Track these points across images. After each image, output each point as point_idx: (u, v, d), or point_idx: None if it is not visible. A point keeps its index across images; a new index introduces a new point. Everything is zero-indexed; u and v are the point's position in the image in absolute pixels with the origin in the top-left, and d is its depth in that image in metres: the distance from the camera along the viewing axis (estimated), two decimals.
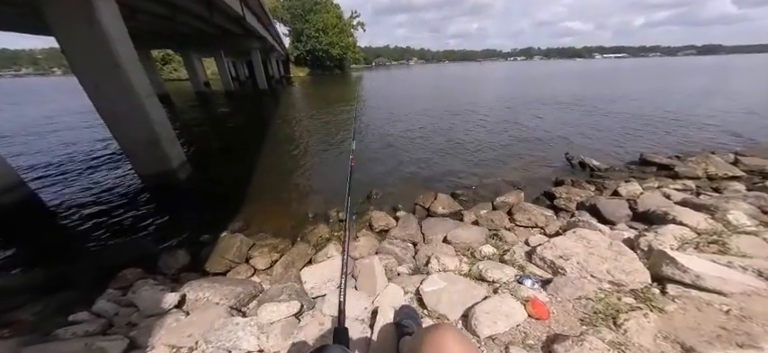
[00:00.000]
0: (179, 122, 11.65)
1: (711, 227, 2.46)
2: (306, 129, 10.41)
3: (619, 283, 1.85)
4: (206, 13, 10.23)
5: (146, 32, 13.80)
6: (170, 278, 3.01)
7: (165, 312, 2.15)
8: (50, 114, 14.03)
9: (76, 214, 4.56)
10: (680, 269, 1.72)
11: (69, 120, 12.33)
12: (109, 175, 6.09)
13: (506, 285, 1.98)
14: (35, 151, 7.89)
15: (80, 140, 9.01)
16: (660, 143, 7.24)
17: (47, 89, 34.49)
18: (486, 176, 5.72)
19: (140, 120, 4.43)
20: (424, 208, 4.38)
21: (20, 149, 8.04)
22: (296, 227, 4.04)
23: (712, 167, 4.87)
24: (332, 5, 52.81)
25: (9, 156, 6.75)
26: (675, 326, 1.46)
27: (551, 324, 1.61)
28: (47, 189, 5.42)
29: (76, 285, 2.90)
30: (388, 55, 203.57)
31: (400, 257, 2.91)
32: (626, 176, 5.17)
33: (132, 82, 4.21)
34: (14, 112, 16.05)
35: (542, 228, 3.46)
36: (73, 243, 3.94)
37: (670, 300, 1.63)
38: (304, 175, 6.11)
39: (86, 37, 3.82)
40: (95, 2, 3.73)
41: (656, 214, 3.02)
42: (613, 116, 10.51)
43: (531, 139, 8.08)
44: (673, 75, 30.59)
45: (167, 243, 3.74)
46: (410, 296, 2.02)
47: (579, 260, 2.06)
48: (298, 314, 1.99)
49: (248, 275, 3.12)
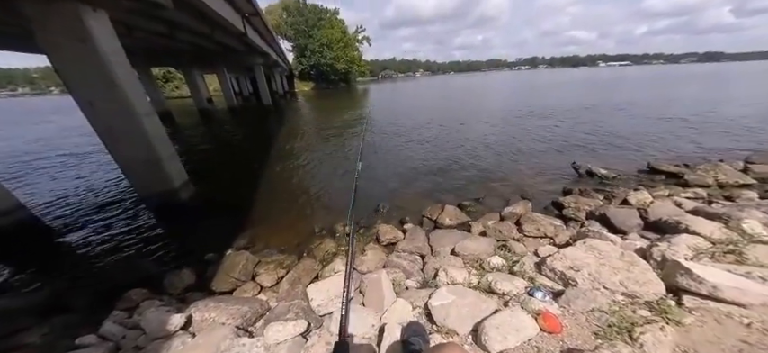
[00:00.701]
0: (181, 140, 11.80)
1: (726, 236, 2.40)
2: (310, 143, 10.51)
3: (632, 294, 1.80)
4: (207, 30, 10.18)
5: (144, 50, 13.78)
6: (176, 298, 3.00)
7: (172, 334, 2.14)
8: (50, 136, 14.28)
9: (78, 236, 4.58)
10: (695, 280, 1.67)
11: (67, 141, 12.53)
12: (110, 195, 6.14)
13: (517, 298, 1.95)
14: (35, 174, 7.97)
15: (81, 161, 9.11)
16: (667, 151, 7.16)
17: (46, 108, 35.04)
18: (492, 186, 5.69)
19: (139, 139, 4.35)
20: (432, 220, 4.36)
21: (21, 172, 8.13)
22: (302, 242, 4.03)
23: (722, 175, 4.79)
24: (336, 21, 53.52)
25: (7, 179, 6.97)
26: (694, 340, 1.41)
27: (564, 338, 1.57)
28: (48, 211, 5.47)
29: (81, 307, 2.91)
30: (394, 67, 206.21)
31: (408, 271, 2.88)
32: (635, 184, 5.11)
33: (131, 101, 4.14)
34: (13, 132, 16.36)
35: (552, 238, 3.41)
36: (76, 265, 3.95)
37: (687, 312, 1.58)
38: (309, 190, 6.12)
39: (80, 56, 3.72)
40: (88, 21, 3.66)
41: (668, 223, 2.96)
42: (618, 124, 10.46)
43: (538, 148, 8.05)
44: (676, 82, 30.49)
45: (172, 263, 3.74)
46: (418, 311, 1.99)
47: (591, 271, 2.02)
48: (305, 333, 1.96)
49: (255, 293, 3.10)
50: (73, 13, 3.57)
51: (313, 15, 51.79)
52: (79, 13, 3.59)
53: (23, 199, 4.84)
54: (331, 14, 53.58)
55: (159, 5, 4.88)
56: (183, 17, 7.80)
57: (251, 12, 11.72)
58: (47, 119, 22.87)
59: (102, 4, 3.90)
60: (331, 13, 53.73)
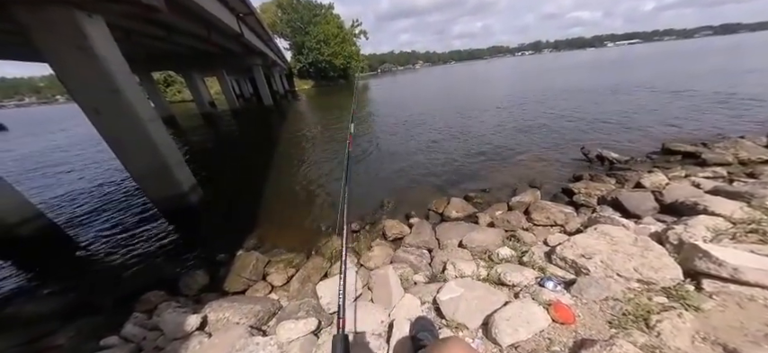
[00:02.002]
0: (187, 145, 11.97)
1: (748, 215, 2.28)
2: (313, 141, 10.54)
3: (648, 281, 1.74)
4: (203, 32, 10.20)
5: (143, 54, 13.86)
6: (192, 300, 3.08)
7: (189, 334, 2.19)
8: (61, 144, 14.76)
9: (95, 241, 4.73)
10: (715, 263, 1.60)
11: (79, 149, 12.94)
12: (123, 200, 6.31)
13: (527, 289, 1.91)
14: (52, 183, 8.25)
15: (93, 167, 9.40)
16: (682, 130, 6.88)
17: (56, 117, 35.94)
18: (499, 175, 5.60)
19: (146, 145, 4.41)
20: (438, 213, 4.33)
21: (39, 182, 8.42)
22: (310, 241, 4.07)
23: (744, 152, 4.58)
24: (331, 16, 52.78)
25: (29, 189, 7.21)
26: (715, 326, 1.35)
27: (578, 328, 1.53)
28: (65, 218, 5.66)
29: (103, 310, 3.02)
30: (393, 60, 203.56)
31: (416, 266, 2.87)
32: (649, 166, 4.94)
33: (134, 106, 4.17)
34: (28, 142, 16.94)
35: (562, 226, 3.33)
36: (95, 269, 4.09)
37: (707, 297, 1.52)
38: (314, 188, 6.15)
39: (80, 62, 3.73)
40: (85, 27, 3.67)
41: (685, 205, 2.86)
42: (629, 106, 10.09)
43: (544, 135, 7.86)
44: (689, 58, 29.23)
45: (186, 265, 3.83)
46: (427, 306, 1.98)
47: (603, 258, 1.96)
48: (316, 331, 1.97)
49: (266, 292, 3.15)
50: (69, 19, 3.58)
51: (308, 12, 51.13)
52: (75, 19, 3.60)
53: (42, 207, 5.03)
54: (326, 10, 52.87)
55: (153, 9, 4.87)
56: (179, 20, 7.76)
57: (245, 11, 11.67)
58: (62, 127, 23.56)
59: (96, 9, 3.90)
60: (326, 8, 53.01)
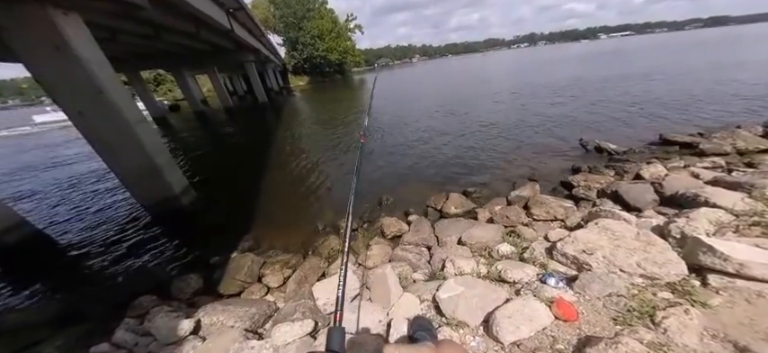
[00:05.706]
0: (178, 145, 11.72)
1: (750, 207, 2.25)
2: (309, 139, 10.42)
3: (652, 276, 1.71)
4: (192, 28, 9.91)
5: (131, 54, 13.46)
6: (185, 304, 3.01)
7: (182, 339, 2.14)
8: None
9: (85, 247, 4.59)
10: (720, 258, 1.56)
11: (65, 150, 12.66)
12: (112, 204, 6.15)
13: (528, 286, 1.88)
14: (36, 189, 7.98)
15: (80, 173, 9.03)
16: (678, 121, 6.88)
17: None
18: (497, 170, 5.55)
19: (133, 147, 4.22)
20: (437, 210, 4.28)
21: (24, 188, 8.14)
22: (306, 241, 4.00)
23: (741, 142, 4.57)
24: (325, 10, 51.74)
25: (11, 197, 7.04)
26: (723, 322, 1.31)
27: (581, 326, 1.49)
28: (52, 225, 5.49)
29: (93, 316, 2.93)
30: (390, 54, 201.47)
31: (414, 264, 2.82)
32: (647, 157, 4.92)
33: (119, 108, 4.00)
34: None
35: (562, 221, 3.30)
36: (84, 275, 3.98)
37: (714, 292, 1.48)
38: (310, 187, 6.07)
39: (57, 63, 3.55)
40: (61, 26, 3.48)
41: (685, 197, 2.83)
42: (625, 97, 10.07)
43: (542, 128, 7.82)
44: (680, 49, 29.27)
45: (178, 268, 3.75)
46: (427, 304, 1.94)
47: (605, 254, 1.93)
48: (312, 333, 1.93)
49: (262, 294, 3.09)
50: (43, 18, 3.41)
51: (301, 6, 49.99)
52: (50, 17, 3.43)
53: (26, 215, 4.88)
54: (320, 4, 51.80)
55: (136, 6, 4.66)
56: (164, 17, 7.48)
57: (235, 6, 11.42)
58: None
59: (72, 6, 3.71)
60: (319, 2, 51.93)
